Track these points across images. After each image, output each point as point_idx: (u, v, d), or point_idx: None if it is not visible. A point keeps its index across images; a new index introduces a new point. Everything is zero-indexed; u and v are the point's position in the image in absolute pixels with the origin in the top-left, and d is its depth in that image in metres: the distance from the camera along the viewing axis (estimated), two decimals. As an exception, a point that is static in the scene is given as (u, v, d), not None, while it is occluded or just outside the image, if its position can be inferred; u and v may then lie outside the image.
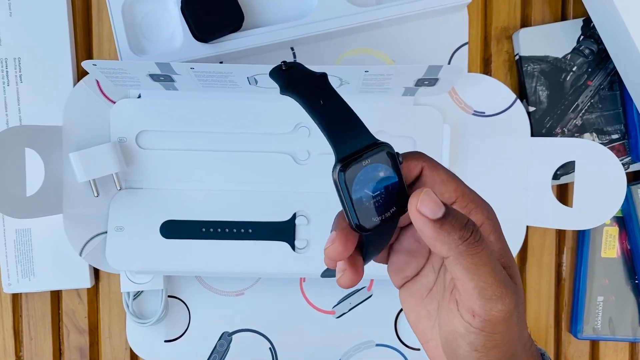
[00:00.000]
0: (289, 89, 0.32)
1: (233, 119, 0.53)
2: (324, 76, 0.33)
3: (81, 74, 0.55)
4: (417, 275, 0.35)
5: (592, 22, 0.54)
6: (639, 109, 0.54)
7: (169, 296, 0.56)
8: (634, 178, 0.58)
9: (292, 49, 0.55)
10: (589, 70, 0.55)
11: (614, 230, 0.57)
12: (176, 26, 0.53)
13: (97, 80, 0.53)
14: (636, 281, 0.57)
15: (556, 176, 0.55)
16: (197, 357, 0.57)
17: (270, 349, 0.57)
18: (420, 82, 0.50)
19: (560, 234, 0.58)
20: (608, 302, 0.57)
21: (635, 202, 0.56)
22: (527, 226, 0.55)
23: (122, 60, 0.52)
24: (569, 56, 0.55)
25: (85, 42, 0.56)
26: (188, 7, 0.52)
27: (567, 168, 0.55)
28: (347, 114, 0.31)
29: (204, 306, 0.56)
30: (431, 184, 0.32)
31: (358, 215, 0.29)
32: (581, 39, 0.55)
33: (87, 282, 0.56)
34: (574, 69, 0.55)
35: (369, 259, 0.33)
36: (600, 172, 0.52)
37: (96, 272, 0.57)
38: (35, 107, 0.55)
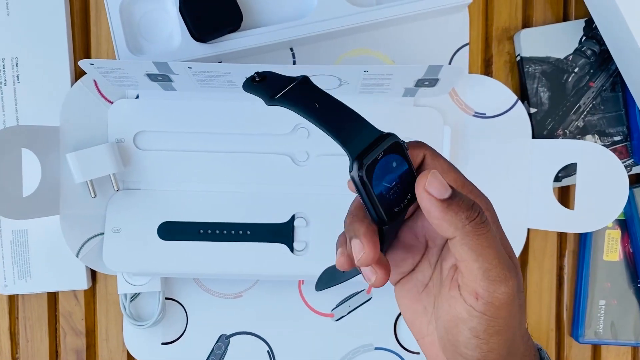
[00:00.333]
0: (276, 99, 0.32)
1: (231, 120, 0.53)
2: (307, 79, 0.33)
3: (79, 74, 0.55)
4: (413, 271, 0.35)
5: (594, 22, 0.54)
6: (641, 110, 0.54)
7: (166, 298, 0.56)
8: (637, 180, 0.57)
9: (291, 49, 0.55)
10: (591, 71, 0.55)
11: (616, 233, 0.56)
12: (174, 26, 0.53)
13: (95, 81, 0.53)
14: (639, 285, 0.57)
15: (558, 178, 0.55)
16: (194, 360, 0.56)
17: (268, 352, 0.56)
18: (420, 83, 0.50)
19: (562, 236, 0.58)
20: (610, 306, 0.57)
21: (638, 204, 0.55)
22: (528, 229, 0.55)
23: (119, 60, 0.52)
24: (570, 57, 0.55)
25: (83, 42, 0.56)
26: (186, 6, 0.51)
27: (569, 170, 0.55)
28: (345, 110, 0.31)
29: (201, 308, 0.56)
30: None
31: (383, 209, 0.30)
32: (583, 39, 0.55)
33: (84, 283, 0.55)
34: (575, 70, 0.55)
35: (385, 251, 0.34)
36: (602, 175, 0.52)
37: (93, 274, 0.57)
38: (32, 107, 0.54)
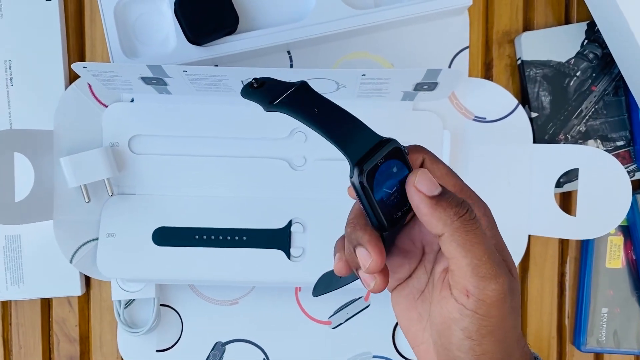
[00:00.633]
0: (275, 105, 0.32)
1: (228, 124, 0.53)
2: (306, 84, 0.33)
3: (73, 77, 0.54)
4: (410, 278, 0.35)
5: (596, 25, 0.53)
6: (644, 115, 0.53)
7: (161, 305, 0.56)
8: (640, 186, 0.57)
9: (289, 52, 0.54)
10: (593, 75, 0.54)
11: (619, 239, 0.56)
12: (169, 29, 0.52)
13: (89, 84, 0.53)
14: (642, 292, 0.56)
15: (559, 184, 0.55)
16: (189, 368, 0.56)
17: (264, 359, 0.56)
18: (419, 87, 0.49)
19: (563, 243, 0.58)
20: (613, 314, 0.56)
21: (641, 211, 0.55)
22: (529, 235, 0.54)
23: (113, 63, 0.51)
24: (572, 61, 0.54)
25: (77, 44, 0.55)
26: (182, 9, 0.51)
27: (571, 176, 0.55)
28: (345, 115, 0.31)
29: (196, 315, 0.56)
30: None
31: (384, 215, 0.30)
32: (585, 43, 0.54)
33: (77, 289, 0.55)
34: (577, 73, 0.54)
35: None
36: (605, 180, 0.52)
37: (87, 280, 0.56)
38: (25, 111, 0.54)
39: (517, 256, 0.54)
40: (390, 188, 0.30)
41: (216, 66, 0.52)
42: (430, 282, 0.34)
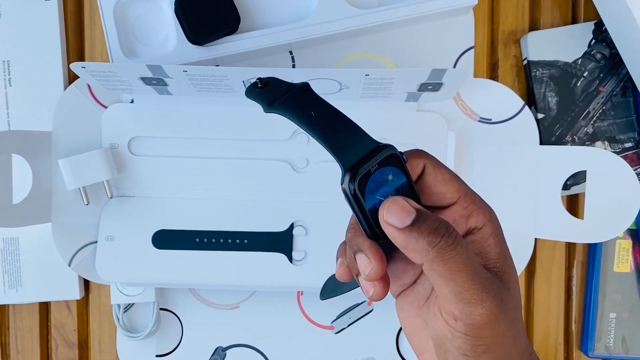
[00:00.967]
0: (273, 106, 0.32)
1: (229, 125, 0.52)
2: (307, 86, 0.32)
3: (72, 77, 0.54)
4: (414, 284, 0.34)
5: (604, 25, 0.53)
6: (653, 116, 0.53)
7: (161, 309, 0.55)
8: (648, 189, 0.56)
9: (291, 52, 0.53)
10: (601, 75, 0.54)
11: (627, 243, 0.55)
12: (170, 28, 0.52)
13: (89, 84, 0.52)
14: (650, 297, 0.56)
15: (566, 186, 0.54)
16: (190, 373, 0.55)
17: (266, 365, 0.55)
18: (423, 87, 0.49)
19: (570, 247, 0.57)
20: (621, 319, 0.55)
21: (650, 214, 0.54)
22: (536, 239, 0.54)
23: (112, 63, 0.51)
24: (579, 61, 0.54)
25: (77, 44, 0.55)
26: (182, 8, 0.50)
27: (578, 178, 0.54)
28: (342, 120, 0.30)
29: (197, 320, 0.55)
30: (433, 182, 0.32)
31: (375, 224, 0.29)
32: (592, 42, 0.54)
33: (76, 293, 0.54)
34: (585, 74, 0.54)
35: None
36: (613, 183, 0.51)
37: (86, 284, 0.56)
38: (24, 112, 0.53)
39: (523, 260, 0.53)
40: (385, 196, 0.30)
41: (217, 66, 0.52)
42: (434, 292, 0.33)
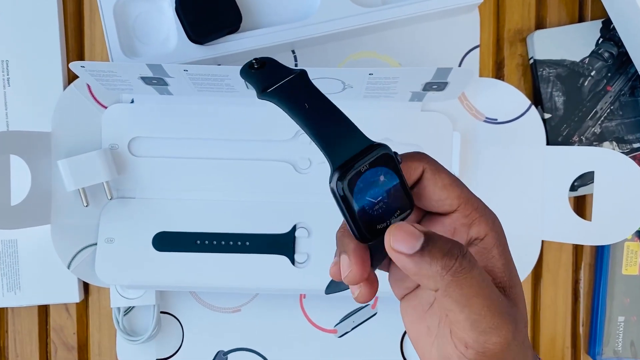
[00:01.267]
0: (266, 93, 0.31)
1: (230, 125, 0.52)
2: (304, 73, 0.31)
3: (72, 77, 0.54)
4: (418, 288, 0.33)
5: (611, 23, 0.52)
6: (662, 116, 0.52)
7: (162, 312, 0.55)
8: (657, 190, 0.55)
9: (293, 51, 0.53)
10: (609, 74, 0.53)
11: (636, 245, 0.55)
12: (170, 27, 0.51)
13: (88, 84, 0.52)
14: (660, 300, 0.55)
15: (573, 188, 0.54)
16: (190, 377, 0.55)
17: (268, 369, 0.55)
18: (428, 87, 0.48)
19: (578, 249, 0.56)
20: (629, 323, 0.55)
21: (659, 215, 0.53)
22: (543, 241, 0.53)
23: (112, 62, 0.50)
24: (587, 60, 0.53)
25: (76, 44, 0.54)
26: (183, 7, 0.50)
27: (585, 179, 0.53)
28: (336, 115, 0.29)
29: (198, 323, 0.55)
30: (432, 188, 0.31)
31: (363, 225, 0.28)
32: (600, 41, 0.53)
33: (75, 296, 0.54)
34: (592, 73, 0.53)
35: (376, 267, 0.32)
36: (621, 184, 0.50)
37: (85, 286, 0.55)
38: (23, 112, 0.53)
39: (530, 262, 0.52)
40: (375, 197, 0.28)
41: (219, 65, 0.51)
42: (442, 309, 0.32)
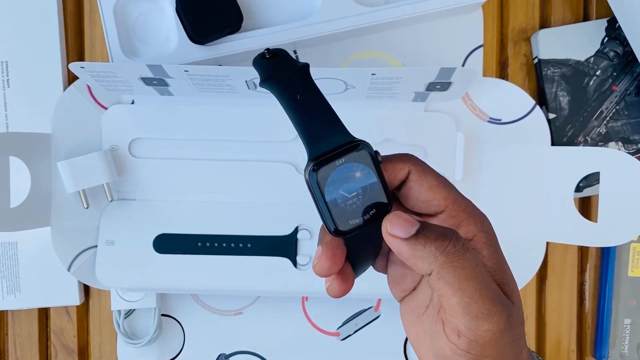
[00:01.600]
0: (267, 81, 0.31)
1: (231, 126, 0.51)
2: (305, 67, 0.31)
3: (72, 78, 0.53)
4: (415, 290, 0.33)
5: (617, 22, 0.52)
6: (668, 116, 0.52)
7: (163, 315, 0.54)
8: (663, 191, 0.55)
9: (295, 52, 0.52)
10: (614, 74, 0.53)
11: (642, 247, 0.54)
12: (171, 27, 0.51)
13: (89, 85, 0.51)
14: (666, 302, 0.54)
15: (579, 188, 0.53)
16: (192, 381, 0.55)
17: (270, 372, 0.54)
18: (431, 87, 0.47)
19: (583, 250, 0.56)
20: (636, 326, 0.54)
21: (665, 216, 0.52)
22: (547, 242, 0.53)
23: (112, 63, 0.50)
24: (592, 59, 0.53)
25: (76, 44, 0.54)
26: (183, 7, 0.49)
27: (591, 180, 0.53)
28: (324, 110, 0.30)
29: (199, 326, 0.54)
30: (418, 189, 0.31)
31: (334, 217, 0.29)
32: (605, 40, 0.53)
33: (76, 299, 0.54)
34: (597, 73, 0.53)
35: (360, 268, 0.32)
36: (627, 184, 0.50)
37: (86, 289, 0.55)
38: (23, 113, 0.53)
39: (534, 264, 0.52)
40: (349, 192, 0.29)
41: (220, 66, 0.51)
42: (434, 301, 0.32)
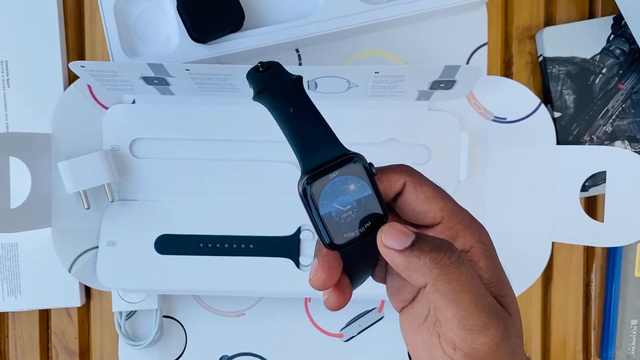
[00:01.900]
0: (259, 95, 0.31)
1: (233, 126, 0.51)
2: (298, 80, 0.31)
3: (72, 78, 0.53)
4: (414, 301, 0.32)
5: (623, 19, 0.51)
6: (675, 114, 0.51)
7: (164, 316, 0.54)
8: (670, 190, 0.54)
9: (297, 50, 0.52)
10: (620, 72, 0.52)
11: (649, 247, 0.53)
12: (172, 26, 0.50)
13: (89, 85, 0.51)
14: (673, 303, 0.53)
15: (584, 188, 0.53)
16: (194, 383, 0.54)
17: (272, 374, 0.54)
18: (435, 85, 0.47)
19: (589, 250, 0.55)
20: (643, 326, 0.53)
21: (672, 216, 0.52)
22: (553, 242, 0.52)
23: (113, 62, 0.49)
24: (597, 57, 0.52)
25: (77, 44, 0.54)
26: (185, 5, 0.49)
27: (597, 179, 0.52)
28: (317, 122, 0.30)
29: (201, 327, 0.54)
30: (413, 200, 0.30)
31: (329, 231, 0.29)
32: (611, 38, 0.52)
33: (77, 300, 0.53)
34: (603, 70, 0.52)
35: (358, 280, 0.32)
36: (634, 184, 0.49)
37: (87, 290, 0.54)
38: (23, 113, 0.52)
39: (540, 264, 0.51)
40: (343, 205, 0.29)
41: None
42: (432, 311, 0.31)
